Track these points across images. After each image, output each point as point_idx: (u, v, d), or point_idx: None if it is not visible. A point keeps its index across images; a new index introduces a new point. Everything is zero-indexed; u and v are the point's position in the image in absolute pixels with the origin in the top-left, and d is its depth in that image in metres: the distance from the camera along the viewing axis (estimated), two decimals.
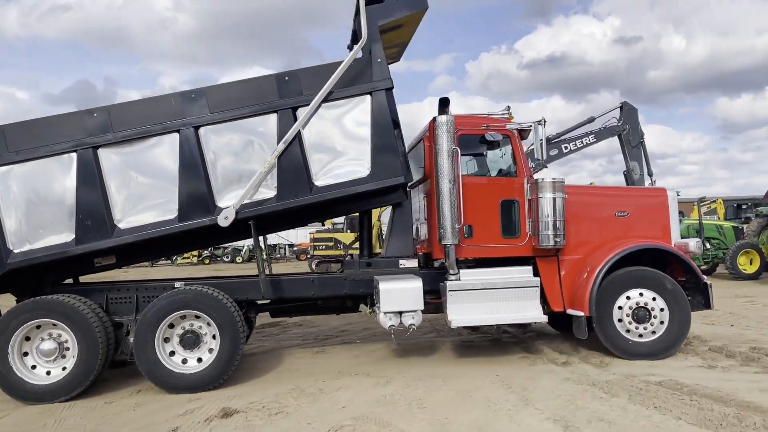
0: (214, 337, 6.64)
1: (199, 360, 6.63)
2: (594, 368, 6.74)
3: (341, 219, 29.68)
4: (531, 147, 7.48)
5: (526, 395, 5.75)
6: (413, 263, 7.58)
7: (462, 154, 7.24)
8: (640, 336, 7.12)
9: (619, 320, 7.14)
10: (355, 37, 7.91)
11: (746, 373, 6.35)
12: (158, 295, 6.88)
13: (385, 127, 6.74)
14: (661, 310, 7.10)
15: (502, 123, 7.47)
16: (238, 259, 42.96)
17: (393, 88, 6.74)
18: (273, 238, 49.19)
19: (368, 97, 6.74)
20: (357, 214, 8.57)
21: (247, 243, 40.60)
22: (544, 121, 7.09)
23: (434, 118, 7.05)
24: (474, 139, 7.50)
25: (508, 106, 7.77)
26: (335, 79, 6.54)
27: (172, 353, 6.62)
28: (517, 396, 5.75)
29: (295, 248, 45.76)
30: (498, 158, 7.91)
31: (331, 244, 28.77)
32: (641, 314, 7.12)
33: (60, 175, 6.51)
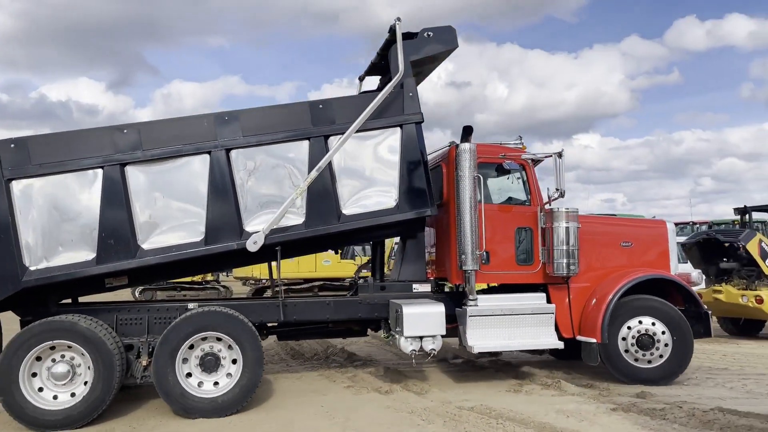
0: (234, 361, 6.76)
1: (216, 384, 6.74)
2: (414, 395, 7.26)
3: None
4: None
5: (348, 425, 6.12)
6: (426, 287, 7.94)
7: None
8: (641, 361, 7.68)
9: (624, 346, 7.69)
10: (373, 69, 8.31)
11: (545, 396, 7.20)
12: (171, 317, 6.98)
13: (414, 159, 7.17)
14: (665, 342, 7.66)
15: (518, 152, 7.94)
16: None
17: (423, 121, 7.12)
18: None
19: (398, 129, 7.15)
20: None
21: None
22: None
23: (457, 145, 7.45)
24: (489, 167, 7.93)
25: (520, 136, 8.26)
26: (371, 110, 6.93)
27: (189, 375, 6.70)
28: (340, 426, 6.09)
29: None
30: (510, 186, 8.36)
31: None
32: (645, 341, 7.68)
33: (84, 192, 6.58)
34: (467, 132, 7.57)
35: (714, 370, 8.77)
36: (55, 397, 6.42)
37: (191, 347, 6.71)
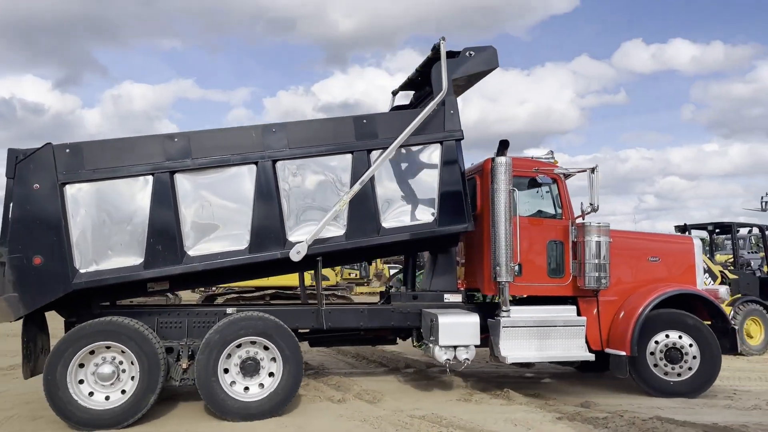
0: (273, 359, 6.99)
1: (261, 386, 6.96)
2: (367, 404, 7.48)
3: None
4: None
5: None
6: (458, 298, 8.19)
7: None
8: (669, 375, 7.92)
9: (652, 359, 7.91)
10: (411, 85, 8.59)
11: (494, 405, 7.50)
12: (210, 321, 7.21)
13: (454, 175, 7.47)
14: (694, 356, 7.89)
15: (551, 167, 8.18)
16: None
17: (463, 138, 7.37)
18: None
19: (439, 145, 7.44)
20: None
21: None
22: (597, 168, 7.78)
23: (493, 159, 7.68)
24: (522, 180, 8.17)
25: (551, 151, 8.49)
26: (414, 127, 7.22)
27: (233, 382, 6.92)
28: None
29: None
30: (540, 199, 8.59)
31: None
32: (674, 355, 7.92)
33: (134, 197, 6.83)
34: (503, 146, 7.81)
35: None
36: (107, 398, 6.63)
37: (229, 355, 6.90)
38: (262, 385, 6.94)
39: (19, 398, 7.77)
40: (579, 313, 8.01)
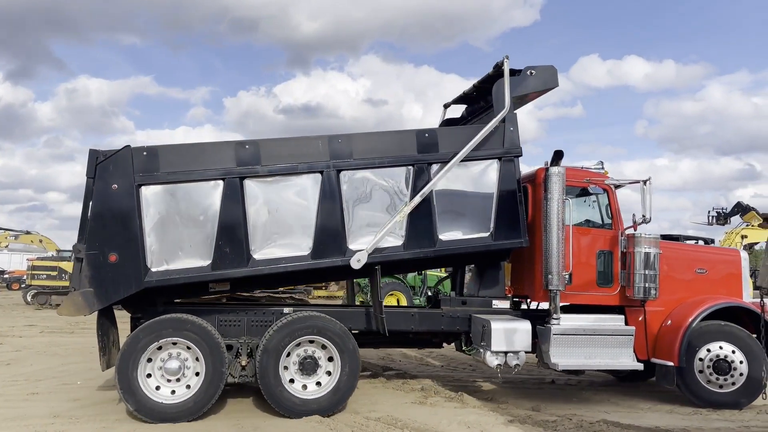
0: (331, 358, 7.39)
1: (318, 384, 7.36)
2: None
3: (68, 246, 26.10)
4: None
5: None
6: (506, 304, 8.55)
7: None
8: (720, 386, 8.18)
9: (700, 371, 8.18)
10: (464, 99, 8.91)
11: (448, 408, 7.80)
12: (268, 320, 7.63)
13: (511, 191, 7.82)
14: (741, 363, 8.15)
15: (602, 177, 8.48)
16: None
17: (522, 155, 7.76)
18: None
19: (497, 161, 7.80)
20: None
21: None
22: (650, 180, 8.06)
23: (547, 169, 8.00)
24: (574, 190, 8.48)
25: (601, 162, 8.78)
26: (475, 142, 7.59)
27: (291, 380, 7.33)
28: None
29: (6, 275, 41.78)
30: (588, 209, 8.89)
31: (54, 273, 26.44)
32: (722, 366, 8.16)
33: (205, 201, 7.24)
34: (558, 156, 8.11)
35: (601, 386, 9.61)
36: (173, 392, 7.05)
37: (289, 353, 7.29)
38: (320, 383, 7.34)
39: None
40: (626, 323, 8.31)
